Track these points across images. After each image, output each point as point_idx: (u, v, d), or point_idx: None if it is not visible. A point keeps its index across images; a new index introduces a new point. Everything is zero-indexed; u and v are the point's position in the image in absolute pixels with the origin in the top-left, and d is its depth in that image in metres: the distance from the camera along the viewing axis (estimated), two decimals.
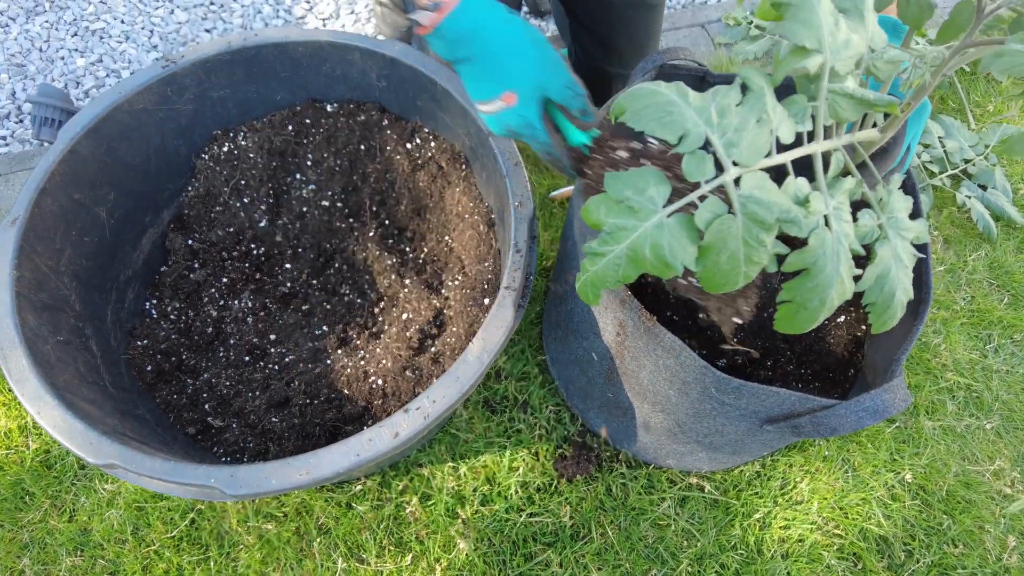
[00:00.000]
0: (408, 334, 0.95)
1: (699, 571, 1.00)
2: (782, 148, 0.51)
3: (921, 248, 0.80)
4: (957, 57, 0.54)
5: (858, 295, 0.55)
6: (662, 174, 0.50)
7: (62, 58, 1.66)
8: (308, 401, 0.94)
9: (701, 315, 0.92)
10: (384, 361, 0.93)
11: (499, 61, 0.61)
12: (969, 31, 0.52)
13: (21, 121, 1.57)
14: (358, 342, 0.99)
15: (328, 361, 0.98)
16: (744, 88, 0.51)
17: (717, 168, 0.49)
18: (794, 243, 0.51)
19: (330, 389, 0.95)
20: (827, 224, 0.51)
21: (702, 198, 0.49)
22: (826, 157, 0.55)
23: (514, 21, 0.61)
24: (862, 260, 0.55)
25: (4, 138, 1.53)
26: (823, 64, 0.51)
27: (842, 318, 0.96)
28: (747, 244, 0.48)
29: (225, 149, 1.05)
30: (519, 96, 0.62)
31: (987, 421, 1.16)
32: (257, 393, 0.97)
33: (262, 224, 1.05)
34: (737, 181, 0.49)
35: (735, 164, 0.49)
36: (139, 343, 0.99)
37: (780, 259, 0.50)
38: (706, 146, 0.49)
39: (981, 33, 0.53)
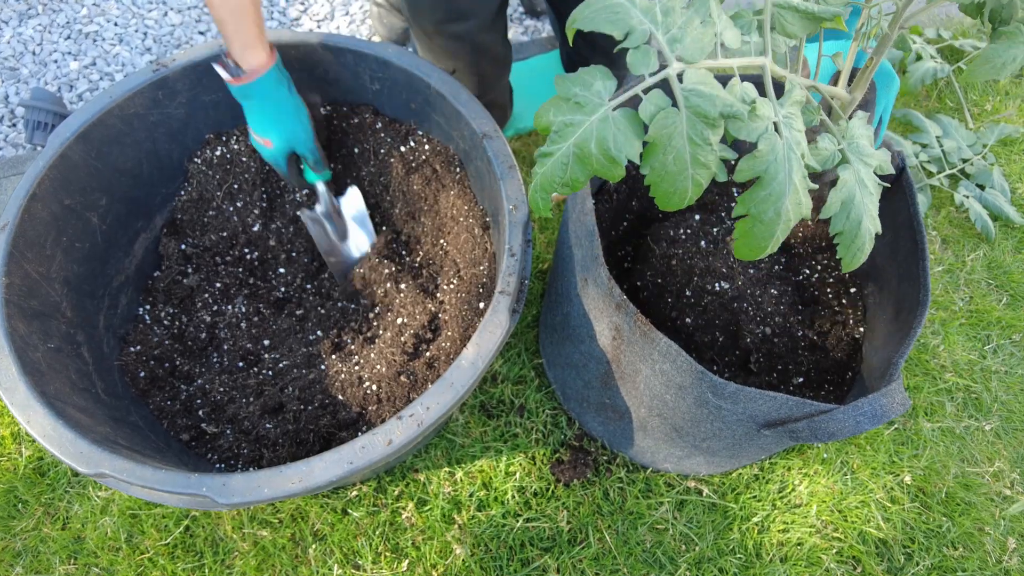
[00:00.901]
0: (403, 339, 0.94)
1: (698, 575, 0.99)
2: (730, 58, 0.52)
3: (920, 248, 0.80)
4: (912, 6, 0.53)
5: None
6: (608, 70, 0.50)
7: (55, 61, 1.65)
8: (302, 407, 0.93)
9: (694, 320, 0.91)
10: (378, 366, 0.93)
11: (271, 116, 0.89)
12: None
13: (14, 125, 1.56)
14: (352, 347, 0.98)
15: (322, 366, 0.97)
16: None
17: (661, 65, 0.49)
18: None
19: (324, 395, 0.94)
20: (777, 131, 0.50)
21: (647, 91, 0.48)
22: (779, 79, 0.54)
23: (288, 97, 0.89)
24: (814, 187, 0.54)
25: None
26: None
27: (839, 318, 0.95)
28: (692, 142, 0.47)
29: (218, 153, 1.04)
30: (274, 144, 0.91)
31: (986, 422, 1.16)
32: (251, 399, 0.96)
33: (256, 228, 1.04)
34: (680, 77, 0.48)
35: (679, 60, 0.49)
36: (132, 349, 0.98)
37: (731, 171, 0.50)
38: (651, 43, 0.50)
39: None
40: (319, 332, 1.01)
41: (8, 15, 1.71)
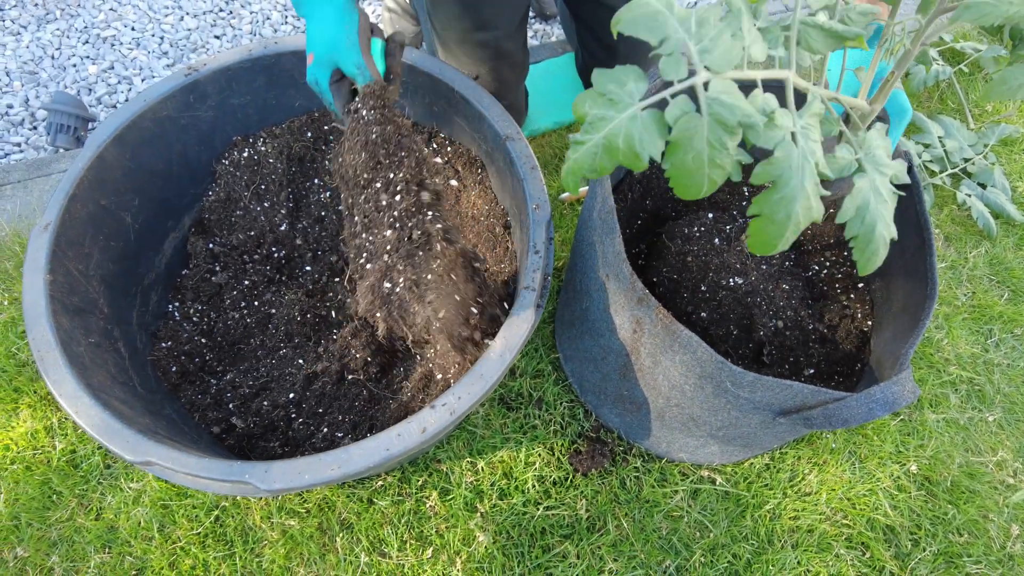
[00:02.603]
0: None
1: (712, 561, 1.02)
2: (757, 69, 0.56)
3: (927, 243, 0.83)
4: (934, 25, 0.57)
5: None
6: (641, 71, 0.54)
7: (74, 65, 1.68)
8: (331, 401, 0.96)
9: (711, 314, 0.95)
10: None
11: (313, 28, 0.81)
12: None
13: (35, 128, 1.59)
14: None
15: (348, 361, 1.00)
16: (725, 9, 0.55)
17: (691, 73, 0.53)
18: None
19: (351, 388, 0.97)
20: (794, 141, 0.54)
21: (674, 96, 0.52)
22: (802, 90, 0.58)
23: (338, 5, 0.79)
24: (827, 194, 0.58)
25: (19, 145, 1.55)
26: None
27: (848, 312, 0.99)
28: (711, 145, 0.51)
29: (245, 155, 1.07)
30: (315, 59, 0.82)
31: (989, 413, 1.19)
32: (280, 393, 0.99)
33: (282, 228, 1.08)
34: (706, 85, 0.52)
35: (707, 69, 0.52)
36: (163, 345, 1.02)
37: (747, 173, 0.54)
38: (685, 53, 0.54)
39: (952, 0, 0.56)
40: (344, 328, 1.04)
41: (27, 20, 1.74)
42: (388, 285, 0.79)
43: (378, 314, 0.79)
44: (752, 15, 0.54)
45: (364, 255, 0.81)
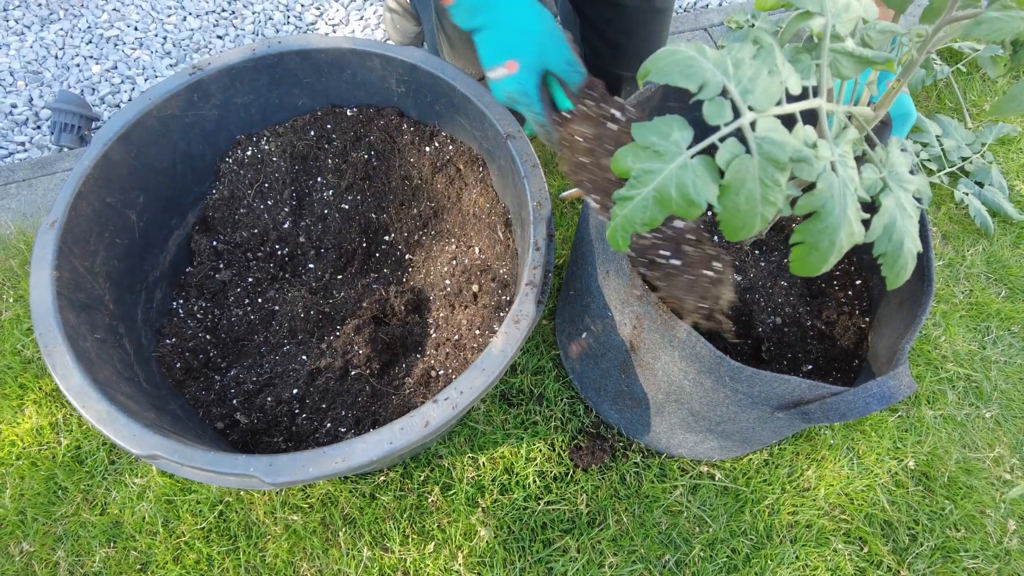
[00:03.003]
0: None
1: (711, 556, 1.03)
2: (791, 100, 0.56)
3: (923, 238, 0.84)
4: (940, 33, 0.58)
5: (872, 262, 0.58)
6: (685, 120, 0.54)
7: (77, 65, 1.69)
8: (334, 397, 0.97)
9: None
10: None
11: (507, 32, 0.69)
12: (949, 7, 0.57)
13: (39, 127, 1.60)
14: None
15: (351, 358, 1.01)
16: (756, 46, 0.55)
17: (734, 114, 0.54)
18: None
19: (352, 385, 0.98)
20: (834, 170, 0.55)
21: (722, 139, 0.53)
22: (829, 113, 0.59)
23: (532, 4, 0.70)
24: (867, 217, 0.59)
25: (23, 144, 1.56)
26: (825, 24, 0.56)
27: (846, 308, 1.00)
28: (763, 184, 0.52)
29: (249, 153, 1.08)
30: (520, 65, 0.70)
31: (986, 410, 1.20)
32: (283, 389, 1.00)
33: (286, 226, 1.09)
34: (753, 125, 0.53)
35: (751, 109, 0.53)
36: (168, 341, 1.03)
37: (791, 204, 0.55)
38: (724, 95, 0.54)
39: (960, 8, 0.57)
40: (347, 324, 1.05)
41: (31, 20, 1.75)
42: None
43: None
44: (781, 49, 0.55)
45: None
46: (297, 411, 0.98)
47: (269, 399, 0.99)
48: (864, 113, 0.67)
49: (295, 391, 0.98)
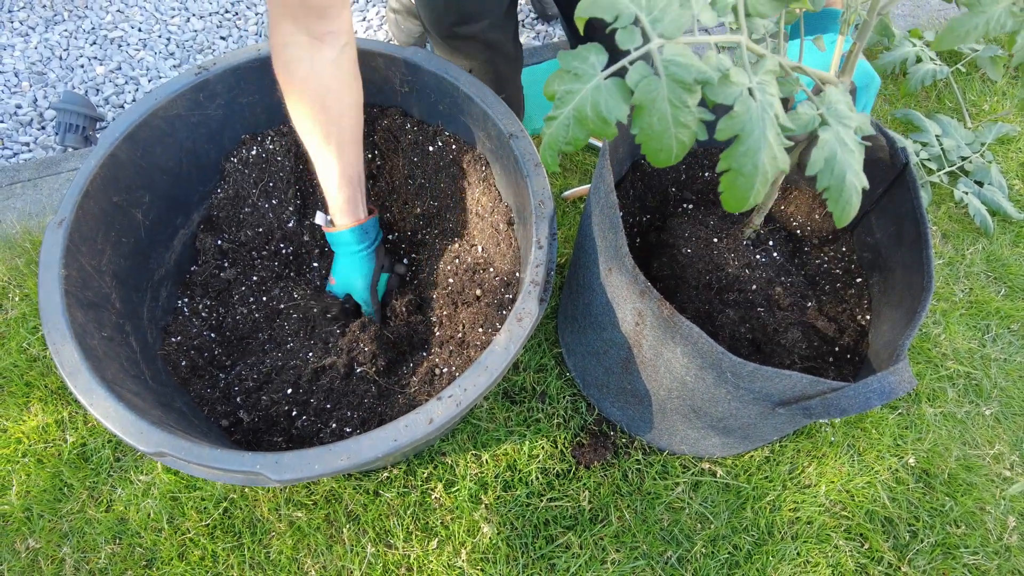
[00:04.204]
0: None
1: (713, 552, 1.04)
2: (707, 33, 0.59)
3: (923, 235, 0.85)
4: None
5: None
6: (602, 46, 0.58)
7: (81, 66, 1.70)
8: (339, 397, 0.98)
9: (710, 303, 0.96)
10: None
11: (340, 264, 1.04)
12: None
13: (43, 128, 1.61)
14: None
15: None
16: None
17: (644, 40, 0.56)
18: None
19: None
20: (752, 96, 0.57)
21: (632, 63, 0.56)
22: (758, 55, 0.62)
23: (359, 254, 1.02)
24: (790, 145, 0.60)
25: (28, 144, 1.57)
26: None
27: (847, 306, 1.01)
28: (673, 105, 0.54)
29: (253, 153, 1.09)
30: (335, 283, 1.06)
31: (986, 407, 1.21)
32: (287, 387, 1.01)
33: (290, 225, 1.10)
34: (661, 50, 0.55)
35: (660, 36, 0.56)
36: (173, 340, 1.03)
37: (711, 131, 0.57)
38: (636, 24, 0.57)
39: None
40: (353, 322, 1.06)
41: (35, 21, 1.76)
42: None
43: None
44: None
45: None
46: (302, 410, 0.99)
47: (274, 397, 0.99)
48: (827, 78, 0.70)
49: (300, 390, 0.99)
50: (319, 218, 1.04)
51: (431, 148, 1.08)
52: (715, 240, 0.99)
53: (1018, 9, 0.57)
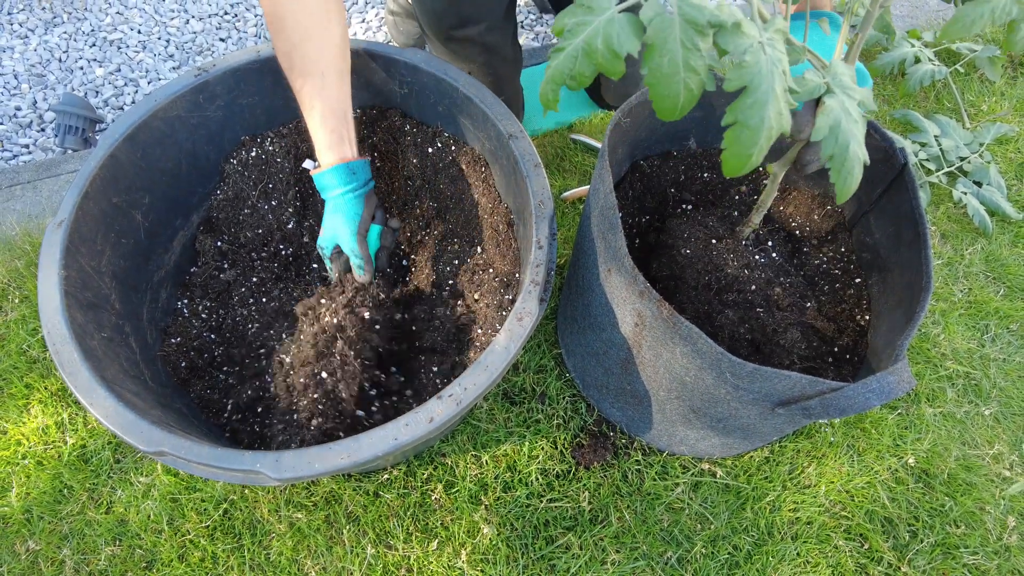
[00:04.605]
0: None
1: (712, 552, 1.04)
2: None
3: (922, 235, 0.85)
4: None
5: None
6: None
7: (81, 68, 1.70)
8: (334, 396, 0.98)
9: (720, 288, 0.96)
10: None
11: (328, 215, 0.97)
12: None
13: (43, 130, 1.61)
14: None
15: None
16: None
17: None
18: None
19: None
20: (762, 49, 0.57)
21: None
22: (764, 19, 0.61)
23: (346, 197, 0.95)
24: (795, 107, 0.59)
25: (27, 146, 1.57)
26: None
27: (846, 306, 1.01)
28: (684, 47, 0.54)
29: (253, 154, 1.09)
30: (323, 234, 0.98)
31: (986, 407, 1.21)
32: (287, 388, 1.01)
33: (290, 226, 1.10)
34: None
35: None
36: (173, 340, 1.03)
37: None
38: None
39: None
40: None
41: (34, 23, 1.76)
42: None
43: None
44: None
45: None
46: (303, 412, 0.98)
47: (273, 399, 0.99)
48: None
49: (300, 390, 0.98)
50: (307, 163, 0.98)
51: (430, 149, 1.09)
52: (714, 241, 0.99)
53: None
